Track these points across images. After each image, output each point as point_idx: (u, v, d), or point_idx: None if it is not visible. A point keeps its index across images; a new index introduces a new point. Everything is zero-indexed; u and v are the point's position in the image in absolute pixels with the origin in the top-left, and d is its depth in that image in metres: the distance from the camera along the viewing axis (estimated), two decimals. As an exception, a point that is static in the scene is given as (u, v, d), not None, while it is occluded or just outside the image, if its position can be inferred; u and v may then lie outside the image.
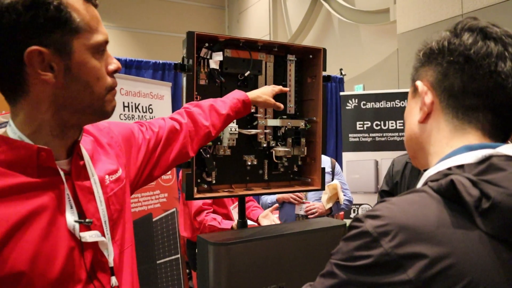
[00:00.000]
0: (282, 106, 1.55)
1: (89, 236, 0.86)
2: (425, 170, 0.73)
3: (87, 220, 0.86)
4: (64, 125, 0.85)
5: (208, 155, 1.55)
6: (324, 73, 1.74)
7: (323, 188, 1.74)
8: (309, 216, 3.00)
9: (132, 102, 3.22)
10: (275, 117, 1.71)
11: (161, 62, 4.53)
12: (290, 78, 1.76)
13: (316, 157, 1.75)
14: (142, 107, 3.30)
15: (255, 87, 1.68)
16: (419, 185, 0.70)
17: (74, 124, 0.87)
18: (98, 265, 0.89)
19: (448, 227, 0.59)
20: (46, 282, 0.78)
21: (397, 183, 2.44)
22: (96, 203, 0.90)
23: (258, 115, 1.66)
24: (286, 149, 1.69)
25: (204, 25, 9.22)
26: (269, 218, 2.52)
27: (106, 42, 0.85)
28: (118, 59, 4.22)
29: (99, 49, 0.84)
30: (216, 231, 2.35)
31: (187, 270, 3.51)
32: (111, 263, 0.91)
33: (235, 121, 1.56)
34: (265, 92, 1.49)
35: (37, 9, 0.74)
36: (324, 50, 1.73)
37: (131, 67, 4.37)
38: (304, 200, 3.06)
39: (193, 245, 2.68)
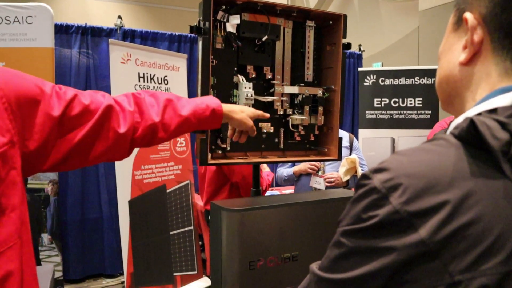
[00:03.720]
0: (255, 132, 1.36)
1: None
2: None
3: None
4: None
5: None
6: (344, 41, 1.68)
7: (339, 159, 1.70)
8: (326, 184, 2.99)
9: (147, 73, 3.20)
10: (292, 84, 1.67)
11: (177, 34, 4.47)
12: (309, 45, 1.71)
13: (333, 127, 1.71)
14: (158, 78, 3.28)
15: (273, 53, 1.63)
16: None
17: None
18: None
19: (468, 177, 0.49)
20: None
21: None
22: None
23: (275, 81, 1.62)
24: (303, 117, 1.65)
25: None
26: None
27: None
28: (134, 31, 4.24)
29: None
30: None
31: (200, 242, 3.53)
32: None
33: (251, 86, 1.52)
34: (244, 109, 1.29)
35: None
36: (345, 16, 1.66)
37: (146, 39, 4.32)
38: (320, 174, 3.04)
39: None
